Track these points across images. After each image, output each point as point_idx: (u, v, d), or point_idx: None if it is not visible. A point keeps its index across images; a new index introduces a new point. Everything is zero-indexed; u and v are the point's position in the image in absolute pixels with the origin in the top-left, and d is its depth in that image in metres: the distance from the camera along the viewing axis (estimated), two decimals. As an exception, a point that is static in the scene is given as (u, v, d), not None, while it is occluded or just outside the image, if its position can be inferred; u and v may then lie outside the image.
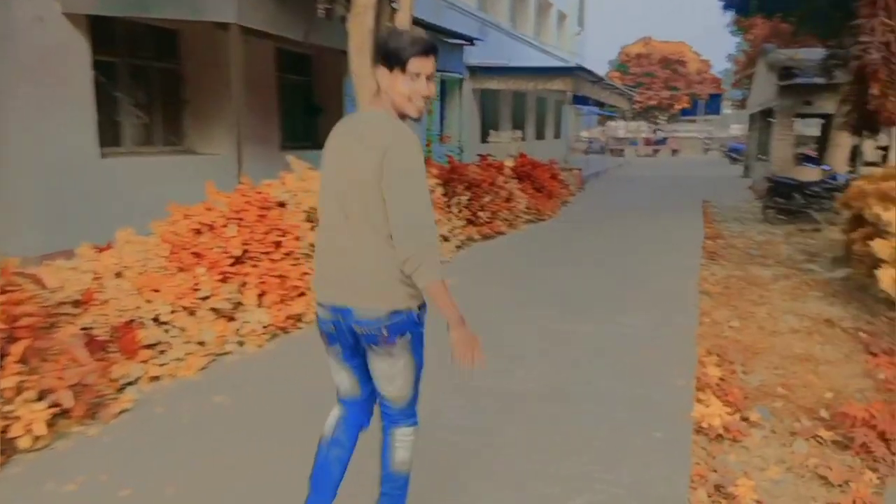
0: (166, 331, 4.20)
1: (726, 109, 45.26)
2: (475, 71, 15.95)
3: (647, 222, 11.48)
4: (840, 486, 2.88)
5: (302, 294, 5.12)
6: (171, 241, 4.55)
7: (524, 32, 21.95)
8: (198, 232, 4.92)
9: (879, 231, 6.30)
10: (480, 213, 9.44)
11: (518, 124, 20.56)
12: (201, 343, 4.26)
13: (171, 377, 4.03)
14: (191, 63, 8.85)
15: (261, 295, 4.75)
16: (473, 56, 15.83)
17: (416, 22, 9.54)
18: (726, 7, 13.91)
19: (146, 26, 8.06)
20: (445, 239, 8.17)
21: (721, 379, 3.86)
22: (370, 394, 2.27)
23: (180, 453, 3.17)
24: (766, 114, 18.01)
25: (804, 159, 16.74)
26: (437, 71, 2.22)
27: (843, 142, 11.82)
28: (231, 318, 4.53)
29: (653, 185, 19.04)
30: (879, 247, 6.05)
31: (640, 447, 3.21)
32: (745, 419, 3.44)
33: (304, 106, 12.15)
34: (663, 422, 3.47)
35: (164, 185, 6.78)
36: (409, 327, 2.07)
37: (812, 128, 22.10)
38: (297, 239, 5.35)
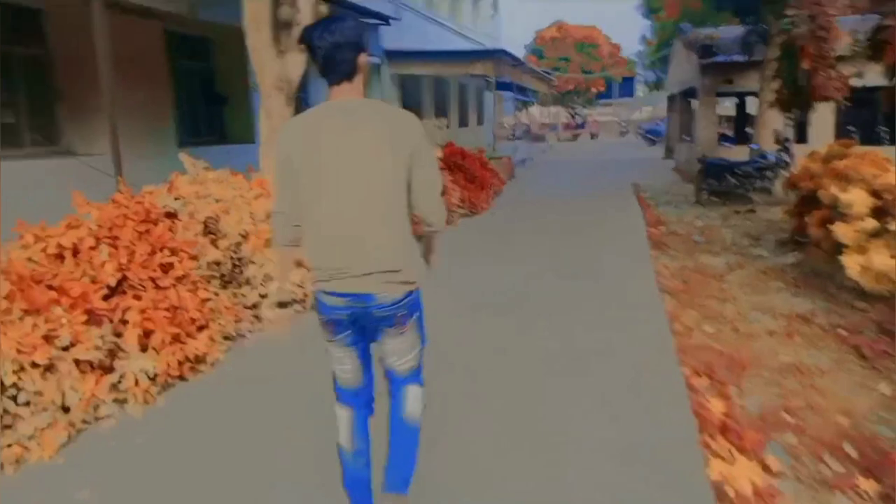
0: (12, 397, 3.13)
1: (639, 92, 46.23)
2: (394, 55, 14.99)
3: (586, 210, 10.98)
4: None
5: (203, 327, 4.12)
6: (14, 273, 3.43)
7: (439, 14, 21.09)
8: (58, 258, 3.82)
9: (838, 214, 5.92)
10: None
11: (441, 111, 19.76)
12: (64, 409, 3.21)
13: (17, 463, 2.98)
14: (61, 49, 7.47)
15: (146, 335, 3.72)
16: (389, 40, 14.86)
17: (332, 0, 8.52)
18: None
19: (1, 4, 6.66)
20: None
21: (725, 414, 3.20)
22: (370, 381, 2.34)
23: None
24: (687, 94, 18.01)
25: (722, 139, 16.84)
26: None
27: (770, 120, 11.70)
28: (106, 371, 3.49)
29: (580, 171, 18.75)
30: (841, 231, 5.66)
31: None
32: (765, 468, 2.79)
33: (206, 96, 10.85)
34: (673, 489, 2.71)
35: (35, 194, 5.51)
36: (417, 306, 2.23)
37: (725, 107, 22.55)
38: (194, 258, 4.33)
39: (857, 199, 5.66)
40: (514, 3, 50.95)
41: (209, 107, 10.88)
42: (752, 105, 22.12)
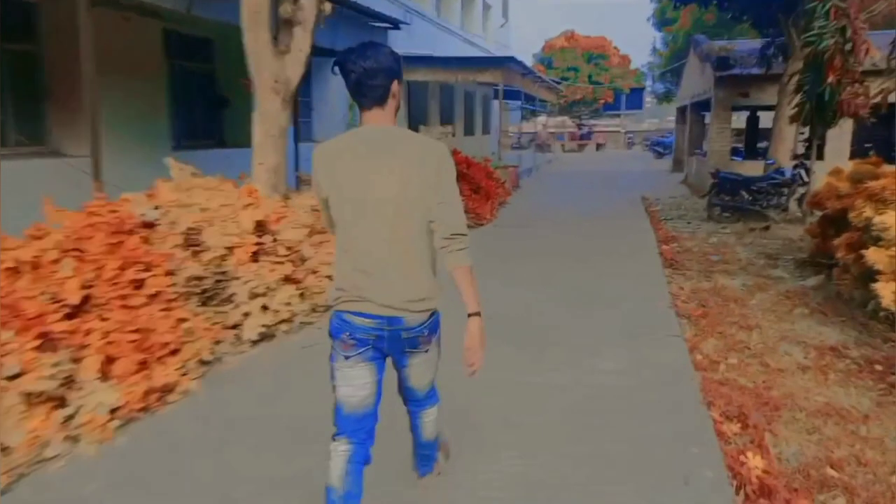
0: (-52, 433, 2.74)
1: (647, 104, 45.86)
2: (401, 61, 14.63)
3: (594, 224, 10.56)
4: None
5: (175, 352, 3.72)
6: (-39, 291, 3.05)
7: (450, 22, 20.78)
8: (16, 272, 3.43)
9: (871, 237, 5.50)
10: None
11: (447, 119, 19.40)
12: (3, 450, 2.81)
13: (-55, 514, 2.58)
14: (54, 46, 7.13)
15: (108, 362, 3.32)
16: (398, 45, 14.51)
17: (337, 0, 8.16)
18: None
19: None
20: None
21: (765, 472, 2.78)
22: (376, 406, 2.26)
23: None
24: (699, 106, 17.62)
25: (731, 153, 16.43)
26: None
27: (788, 135, 11.29)
28: (59, 404, 3.09)
29: (587, 182, 18.34)
30: (875, 256, 5.24)
31: None
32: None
33: (206, 97, 10.50)
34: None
35: (20, 197, 5.13)
36: (438, 325, 2.28)
37: (734, 120, 22.08)
38: (169, 274, 3.94)
39: (893, 221, 5.25)
40: (525, 11, 50.74)
41: (209, 109, 10.52)
42: (765, 119, 21.78)
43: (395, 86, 2.15)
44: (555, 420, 3.50)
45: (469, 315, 2.18)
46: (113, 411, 3.21)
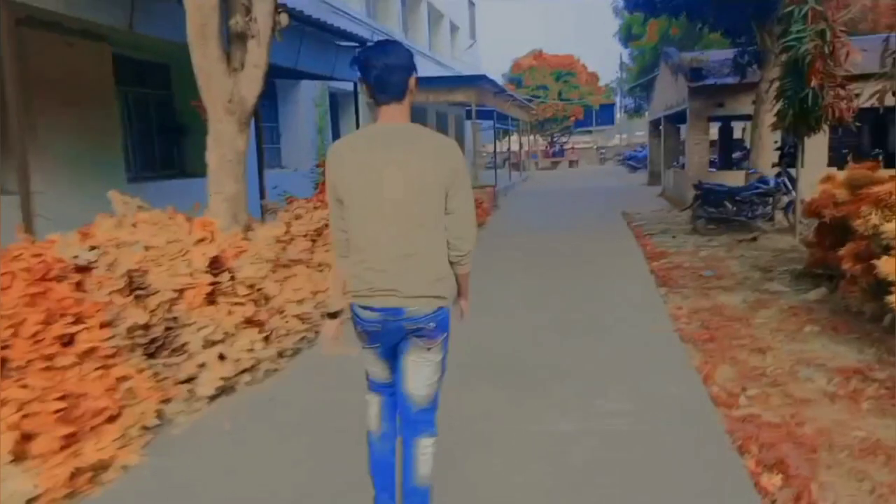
0: None
1: (618, 119, 46.16)
2: (369, 82, 14.22)
3: (578, 243, 10.14)
4: None
5: (113, 418, 3.14)
6: None
7: (417, 43, 20.51)
8: (-88, 334, 2.84)
9: (879, 246, 5.14)
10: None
11: (419, 140, 19.01)
12: None
13: None
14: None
15: (24, 440, 2.73)
16: (365, 66, 14.12)
17: (297, 16, 7.71)
18: (632, 7, 13.05)
19: None
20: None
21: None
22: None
23: None
24: (673, 119, 17.49)
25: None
26: (327, 80, 4.95)
27: (768, 143, 11.06)
28: (-42, 497, 2.50)
29: (565, 199, 18.02)
30: (888, 267, 4.87)
31: None
32: None
33: (164, 125, 9.94)
34: None
35: None
36: (447, 326, 2.30)
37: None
38: (106, 325, 3.37)
39: (905, 229, 4.89)
40: (492, 32, 51.11)
41: (167, 138, 9.97)
42: (738, 129, 21.79)
43: (412, 81, 2.22)
44: (564, 481, 2.98)
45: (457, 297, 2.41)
46: (30, 501, 2.62)
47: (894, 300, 4.70)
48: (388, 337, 2.26)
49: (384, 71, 2.15)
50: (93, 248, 3.79)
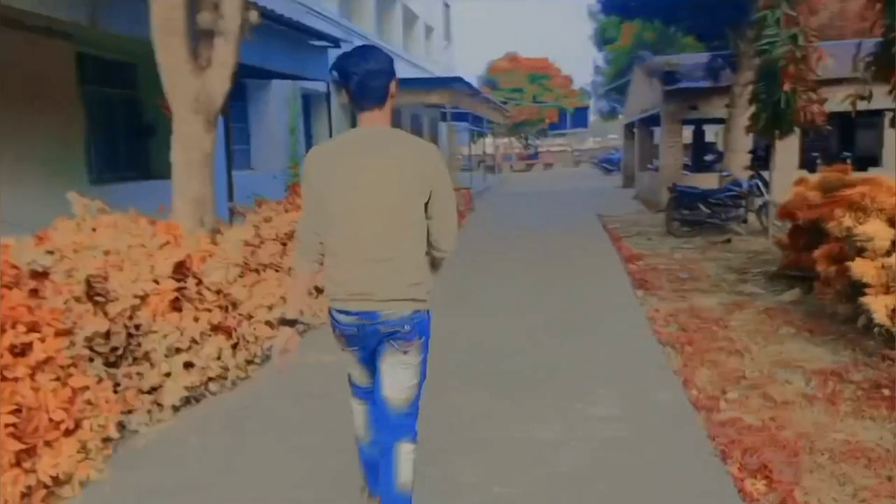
0: None
1: (592, 122, 46.56)
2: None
3: (555, 244, 10.12)
4: None
5: (71, 431, 2.97)
6: None
7: (392, 43, 20.38)
8: None
9: (853, 248, 5.16)
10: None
11: (393, 142, 18.86)
12: None
13: None
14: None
15: (-29, 458, 2.56)
16: (339, 67, 13.94)
17: (268, 14, 7.53)
18: (608, 10, 13.10)
19: None
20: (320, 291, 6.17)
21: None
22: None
23: None
24: (647, 122, 17.61)
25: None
26: (299, 79, 4.50)
27: (742, 146, 11.17)
28: None
29: (541, 201, 18.05)
30: (862, 268, 4.89)
31: None
32: None
33: (130, 126, 9.65)
34: None
35: None
36: (425, 330, 2.27)
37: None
38: (64, 334, 3.19)
39: (878, 231, 4.91)
40: (467, 33, 51.20)
41: (133, 138, 9.68)
42: (710, 133, 22.06)
43: (392, 86, 2.22)
44: (540, 489, 2.89)
45: None
46: (-24, 525, 2.45)
47: (869, 301, 4.73)
48: (366, 341, 2.25)
49: (365, 77, 2.14)
50: (50, 252, 3.61)
